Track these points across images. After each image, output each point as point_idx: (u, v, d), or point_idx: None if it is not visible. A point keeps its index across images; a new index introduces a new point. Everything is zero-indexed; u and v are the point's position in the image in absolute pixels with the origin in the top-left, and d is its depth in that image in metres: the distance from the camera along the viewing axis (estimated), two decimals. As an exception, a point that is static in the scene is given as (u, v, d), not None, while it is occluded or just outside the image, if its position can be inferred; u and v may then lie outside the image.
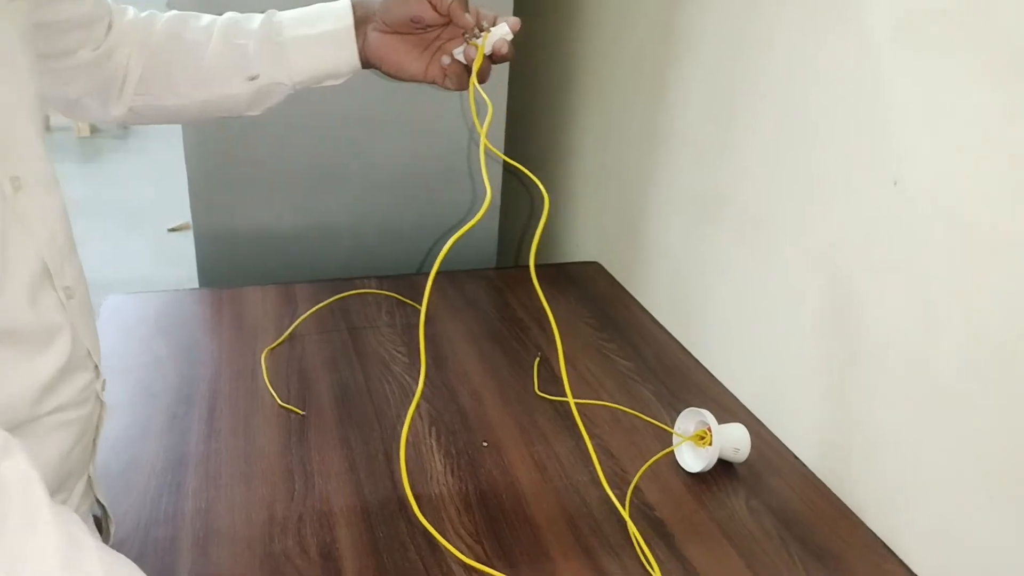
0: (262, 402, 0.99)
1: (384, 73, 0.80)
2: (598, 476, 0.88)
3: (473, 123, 0.82)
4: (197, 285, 1.36)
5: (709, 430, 0.88)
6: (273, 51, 0.77)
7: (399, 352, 1.10)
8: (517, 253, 1.83)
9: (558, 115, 1.63)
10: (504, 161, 0.87)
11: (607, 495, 0.85)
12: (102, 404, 0.70)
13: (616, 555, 0.77)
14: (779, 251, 0.98)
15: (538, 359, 1.10)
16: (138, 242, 2.94)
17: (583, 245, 1.55)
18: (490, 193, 0.73)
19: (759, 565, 0.77)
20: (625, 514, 0.82)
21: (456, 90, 0.78)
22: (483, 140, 0.73)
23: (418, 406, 0.98)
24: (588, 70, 1.49)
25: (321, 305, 1.20)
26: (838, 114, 0.86)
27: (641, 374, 1.09)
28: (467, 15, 0.75)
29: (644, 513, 0.84)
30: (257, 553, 0.76)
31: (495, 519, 0.81)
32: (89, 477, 0.69)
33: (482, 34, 0.75)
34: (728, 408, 1.01)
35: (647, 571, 0.75)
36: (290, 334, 1.13)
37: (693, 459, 0.90)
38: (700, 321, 1.14)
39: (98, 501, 0.71)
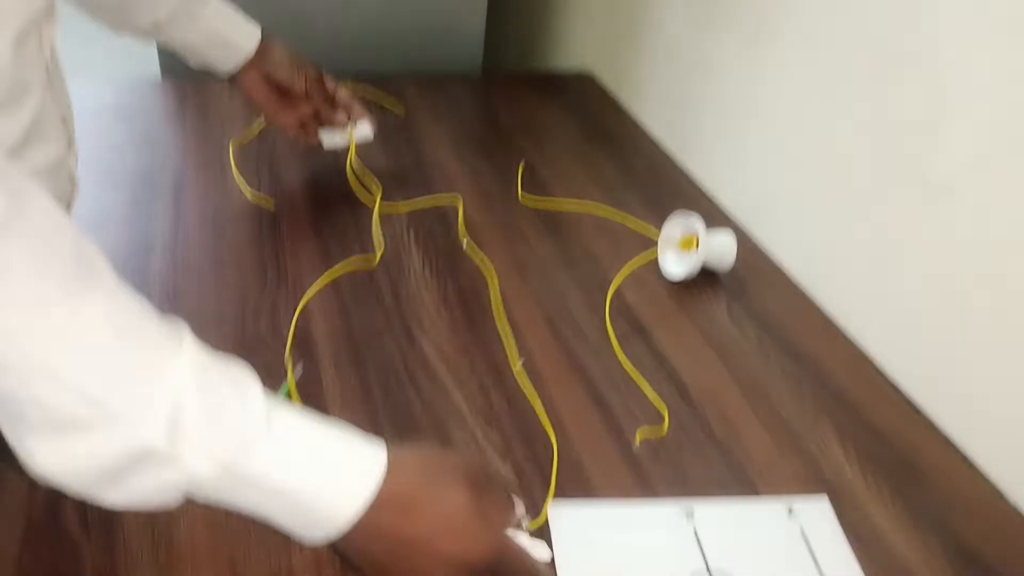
0: (231, 194, 0.94)
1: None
2: (579, 279, 0.86)
3: None
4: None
5: (696, 236, 0.85)
6: (185, 17, 0.84)
7: (376, 150, 1.05)
8: (503, 54, 1.74)
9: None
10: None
11: (587, 298, 0.84)
12: (74, 184, 0.65)
13: (596, 354, 0.77)
14: (786, 61, 0.92)
15: (523, 164, 1.06)
16: (95, 30, 2.77)
17: (577, 52, 1.47)
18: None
19: (735, 364, 0.77)
20: (606, 315, 0.81)
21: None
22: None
23: (397, 207, 0.95)
24: None
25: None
26: None
27: (630, 183, 1.05)
28: (332, 110, 0.96)
29: (624, 315, 0.82)
30: (230, 337, 0.74)
31: (473, 316, 0.80)
32: None
33: (347, 124, 0.96)
34: (716, 219, 0.99)
35: (626, 368, 0.75)
36: (260, 129, 1.06)
37: (677, 265, 0.88)
38: (696, 132, 1.10)
39: None
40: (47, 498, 0.57)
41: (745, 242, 0.95)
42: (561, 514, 0.61)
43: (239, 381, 0.43)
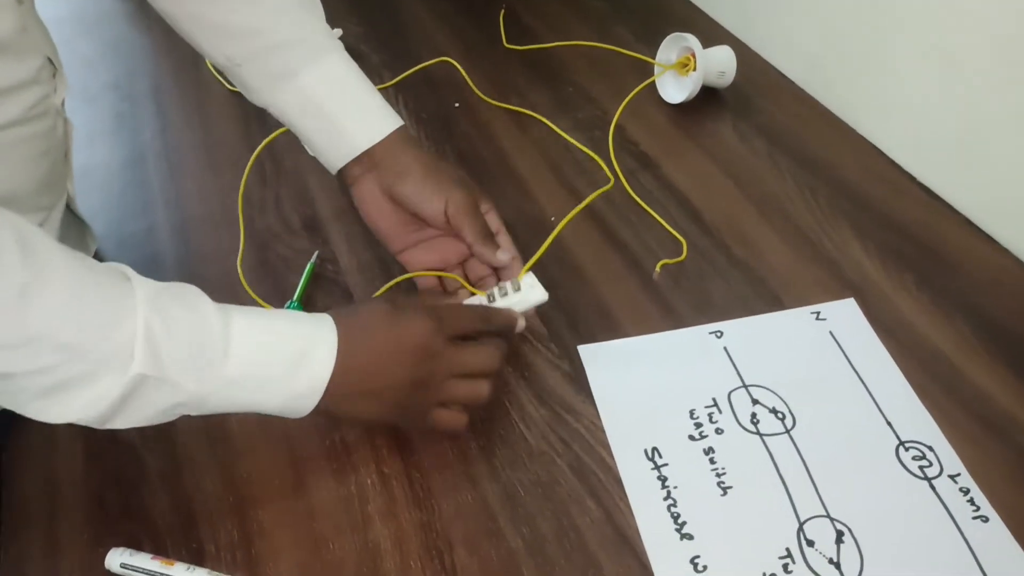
0: (211, 91, 0.91)
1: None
2: (579, 122, 0.84)
3: None
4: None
5: (693, 55, 0.82)
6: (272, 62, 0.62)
7: (360, 27, 1.00)
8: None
9: None
10: None
11: (590, 138, 0.82)
12: (65, 120, 0.63)
13: (605, 195, 0.76)
14: None
15: (503, 10, 1.01)
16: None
17: None
18: None
19: (746, 182, 0.76)
20: (610, 154, 0.80)
21: None
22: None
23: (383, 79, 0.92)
24: None
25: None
26: None
27: (618, 13, 1.00)
28: (493, 253, 0.60)
29: (629, 150, 0.81)
30: (238, 233, 0.73)
31: (476, 173, 0.78)
32: (68, 195, 0.65)
33: (507, 284, 0.60)
34: (715, 38, 0.95)
35: (637, 203, 0.74)
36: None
37: (676, 89, 0.85)
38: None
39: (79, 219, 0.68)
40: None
41: (746, 57, 0.91)
42: (593, 355, 0.62)
43: (188, 298, 0.47)
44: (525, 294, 0.59)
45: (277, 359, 0.48)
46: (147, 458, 0.57)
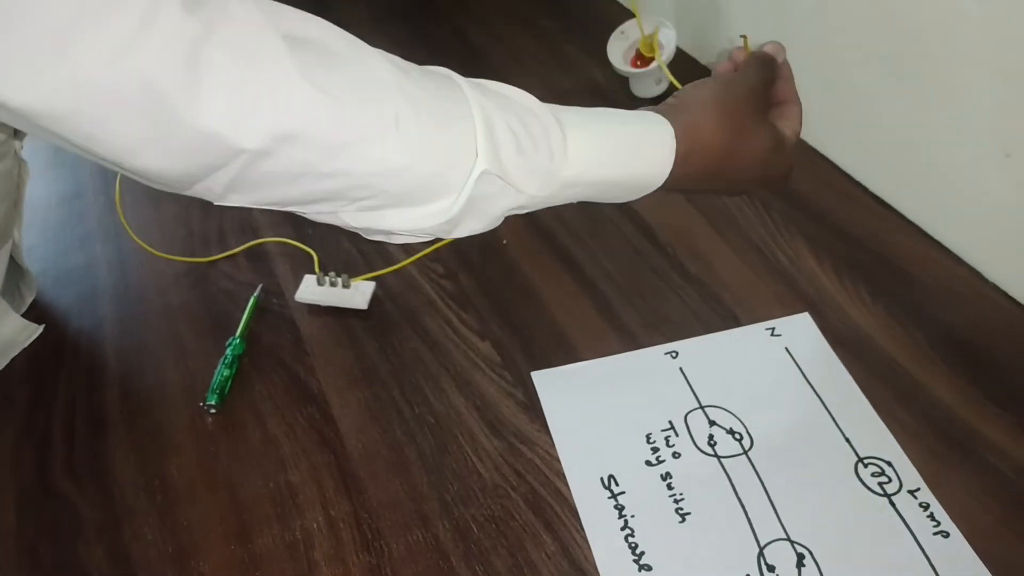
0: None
1: None
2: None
3: None
4: None
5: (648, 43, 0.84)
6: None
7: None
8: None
9: None
10: None
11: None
12: (21, 162, 0.61)
13: (556, 216, 0.74)
14: None
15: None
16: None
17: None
18: None
19: (699, 197, 0.75)
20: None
21: None
22: None
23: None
24: None
25: None
26: None
27: (568, 32, 1.00)
28: None
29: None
30: (180, 267, 0.71)
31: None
32: (14, 243, 0.63)
33: (340, 279, 0.66)
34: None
35: (587, 224, 0.73)
36: None
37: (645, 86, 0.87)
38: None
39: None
40: (34, 464, 0.57)
41: (697, 72, 0.91)
42: (547, 382, 0.60)
43: (521, 103, 0.45)
44: (350, 295, 0.65)
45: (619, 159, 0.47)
46: (83, 509, 0.54)
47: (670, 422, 0.57)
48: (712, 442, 0.56)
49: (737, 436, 0.56)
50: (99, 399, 0.61)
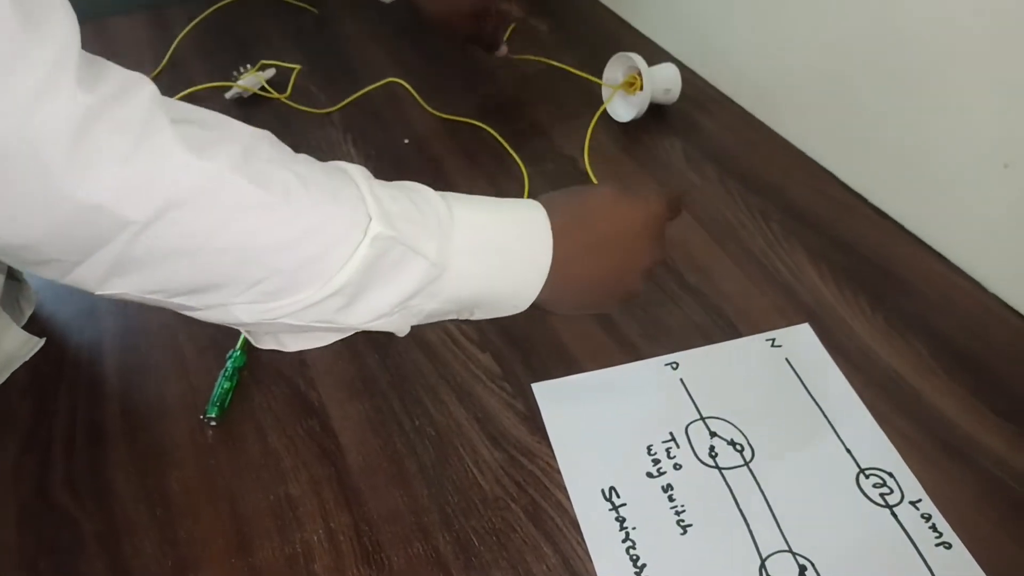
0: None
1: None
2: (530, 155, 0.83)
3: None
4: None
5: (638, 74, 0.82)
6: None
7: (298, 55, 0.99)
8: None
9: None
10: None
11: (540, 171, 0.81)
12: None
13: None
14: None
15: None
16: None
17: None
18: None
19: (698, 208, 0.75)
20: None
21: None
22: None
23: (328, 114, 0.90)
24: None
25: (198, 20, 1.06)
26: None
27: (565, 42, 1.00)
28: None
29: (578, 181, 0.80)
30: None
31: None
32: None
33: None
34: (656, 59, 0.95)
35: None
36: (170, 59, 1.00)
37: (624, 108, 0.85)
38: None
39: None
40: (34, 477, 0.57)
41: (695, 82, 0.92)
42: (547, 393, 0.60)
43: (413, 190, 0.46)
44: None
45: (503, 232, 0.47)
46: (83, 522, 0.54)
47: (671, 433, 0.57)
48: (713, 453, 0.56)
49: (738, 447, 0.56)
50: (100, 412, 0.60)
